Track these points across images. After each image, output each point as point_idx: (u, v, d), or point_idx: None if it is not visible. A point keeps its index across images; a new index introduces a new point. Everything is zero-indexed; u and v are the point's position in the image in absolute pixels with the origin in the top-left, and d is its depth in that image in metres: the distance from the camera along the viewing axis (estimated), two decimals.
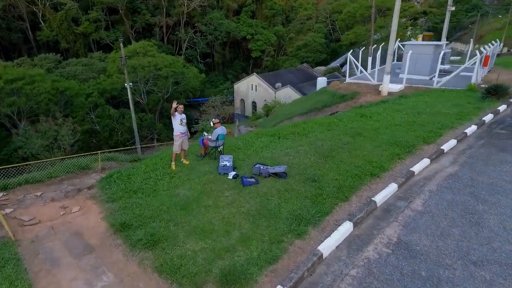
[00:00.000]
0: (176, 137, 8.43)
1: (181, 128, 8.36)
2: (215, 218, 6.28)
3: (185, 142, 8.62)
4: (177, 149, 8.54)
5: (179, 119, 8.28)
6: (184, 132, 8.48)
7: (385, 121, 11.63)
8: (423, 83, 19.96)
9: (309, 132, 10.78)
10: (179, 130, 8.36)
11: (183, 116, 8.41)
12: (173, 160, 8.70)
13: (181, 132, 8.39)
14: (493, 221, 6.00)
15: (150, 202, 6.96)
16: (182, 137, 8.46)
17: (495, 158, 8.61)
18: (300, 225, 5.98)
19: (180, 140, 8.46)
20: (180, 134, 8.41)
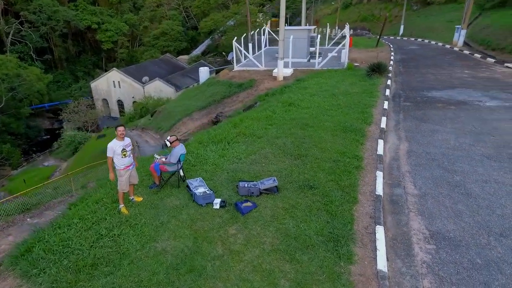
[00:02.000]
0: (121, 172, 6.08)
1: (126, 161, 6.07)
2: (244, 271, 4.75)
3: (133, 175, 6.35)
4: (125, 187, 6.21)
5: (120, 148, 5.94)
6: (132, 164, 6.20)
7: (314, 108, 11.70)
8: (303, 66, 21.34)
9: (255, 131, 9.78)
10: (123, 163, 6.05)
11: (127, 141, 6.10)
12: (120, 201, 6.31)
13: (126, 165, 6.09)
14: (477, 189, 6.62)
15: (128, 280, 4.74)
16: (129, 170, 6.16)
17: (425, 129, 9.76)
18: (341, 247, 5.16)
19: (127, 174, 6.16)
20: (126, 168, 6.10)
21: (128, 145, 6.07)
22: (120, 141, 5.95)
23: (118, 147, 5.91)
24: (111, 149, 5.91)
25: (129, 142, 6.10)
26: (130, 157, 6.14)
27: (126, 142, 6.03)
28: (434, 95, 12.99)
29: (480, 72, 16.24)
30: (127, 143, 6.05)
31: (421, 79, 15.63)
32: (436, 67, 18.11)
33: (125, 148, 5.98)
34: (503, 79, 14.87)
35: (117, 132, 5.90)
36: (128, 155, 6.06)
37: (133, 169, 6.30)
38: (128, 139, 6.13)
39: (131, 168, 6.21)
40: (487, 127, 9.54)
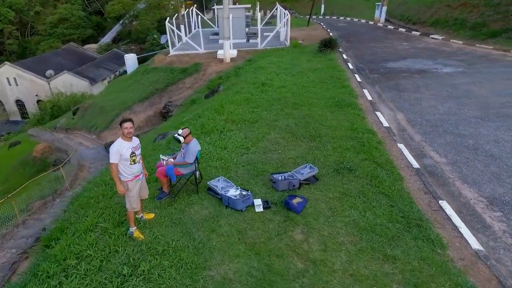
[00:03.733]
0: (130, 184, 4.44)
1: (136, 168, 4.43)
2: (345, 284, 3.81)
3: (143, 187, 4.75)
4: (136, 204, 4.57)
5: (128, 151, 4.30)
6: (141, 173, 4.59)
7: (291, 86, 10.94)
8: (244, 46, 20.40)
9: (244, 115, 8.60)
10: (131, 172, 4.40)
11: (136, 142, 4.45)
12: (131, 223, 4.68)
13: (135, 175, 4.46)
14: (495, 149, 6.74)
15: None
16: (139, 181, 4.55)
17: (407, 98, 9.85)
18: (425, 231, 4.59)
19: (137, 186, 4.54)
20: (135, 178, 4.48)
21: (137, 147, 4.43)
22: (127, 141, 4.29)
23: (126, 150, 4.25)
24: (117, 152, 4.21)
25: (138, 144, 4.46)
26: (140, 164, 4.51)
27: (135, 143, 4.39)
28: (392, 66, 13.38)
29: (417, 44, 17.46)
30: (136, 145, 4.42)
31: (370, 52, 16.08)
32: (375, 41, 18.93)
33: (135, 151, 4.34)
34: (438, 48, 16.18)
35: (122, 130, 4.23)
36: (138, 161, 4.44)
37: (143, 179, 4.69)
38: (137, 140, 4.48)
39: (141, 178, 4.60)
40: (459, 91, 10.03)
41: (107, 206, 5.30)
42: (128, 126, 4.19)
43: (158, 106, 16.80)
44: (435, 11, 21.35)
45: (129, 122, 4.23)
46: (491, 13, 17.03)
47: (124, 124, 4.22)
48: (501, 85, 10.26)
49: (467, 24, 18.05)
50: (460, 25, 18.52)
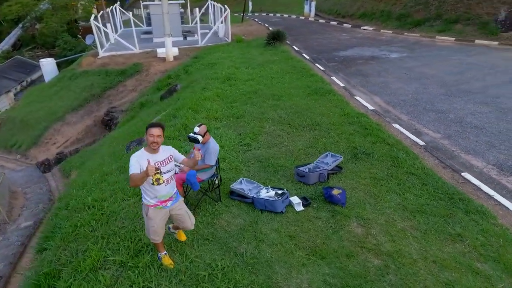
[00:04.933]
0: (150, 209, 3.38)
1: (161, 191, 3.30)
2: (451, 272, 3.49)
3: (181, 215, 3.55)
4: (157, 236, 3.50)
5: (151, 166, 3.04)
6: (170, 199, 3.42)
7: (258, 79, 10.48)
8: (183, 44, 19.39)
9: (225, 111, 7.88)
10: (154, 195, 3.31)
11: (164, 155, 3.29)
12: (160, 249, 3.71)
13: (160, 200, 3.34)
14: (476, 121, 7.21)
15: None
16: (164, 208, 3.42)
17: (374, 82, 10.15)
18: (472, 204, 4.55)
19: (162, 215, 3.43)
20: (160, 204, 3.36)
21: (166, 161, 3.26)
22: (151, 153, 3.20)
23: (144, 164, 3.06)
24: (136, 163, 3.10)
25: (167, 157, 3.28)
26: (170, 186, 3.36)
27: (161, 157, 3.23)
28: (345, 54, 13.81)
29: (355, 34, 18.44)
30: (164, 159, 3.24)
31: (317, 44, 16.43)
32: (316, 34, 19.49)
33: (160, 167, 3.22)
34: (375, 37, 17.30)
35: (147, 137, 3.18)
36: (167, 182, 3.30)
37: (179, 204, 3.52)
38: (168, 152, 3.33)
39: (171, 206, 3.42)
40: (415, 73, 10.71)
41: (110, 233, 4.17)
42: (155, 134, 3.08)
43: (98, 114, 14.79)
44: (361, 5, 22.89)
45: (157, 128, 3.13)
46: (413, 4, 18.81)
47: (149, 131, 3.12)
48: (446, 66, 11.25)
49: (393, 15, 19.67)
50: (386, 17, 20.10)
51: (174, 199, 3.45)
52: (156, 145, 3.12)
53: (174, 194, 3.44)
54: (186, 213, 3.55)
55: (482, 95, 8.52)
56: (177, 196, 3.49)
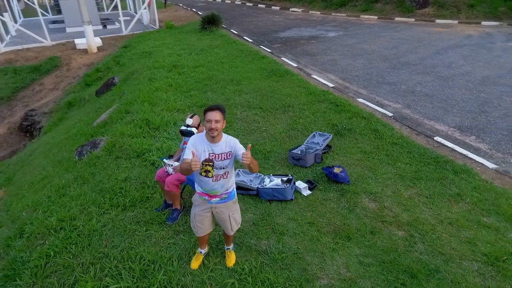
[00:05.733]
0: (196, 197, 3.02)
1: (207, 184, 2.82)
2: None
3: (222, 219, 3.05)
4: (194, 228, 3.11)
5: (204, 154, 2.71)
6: (216, 196, 2.90)
7: (207, 65, 9.92)
8: (104, 33, 17.67)
9: (183, 101, 7.25)
10: (200, 185, 2.90)
11: (223, 148, 2.73)
12: (200, 245, 3.34)
13: (205, 192, 2.90)
14: (426, 90, 7.84)
15: None
16: (207, 203, 2.95)
17: (323, 60, 10.36)
18: (454, 164, 4.88)
19: (202, 208, 3.00)
20: (204, 196, 2.92)
21: (225, 156, 2.72)
22: (210, 141, 2.70)
23: (202, 151, 2.70)
24: (192, 147, 2.68)
25: (228, 152, 2.73)
26: (220, 184, 2.83)
27: (221, 149, 2.71)
28: (285, 35, 13.84)
29: (287, 16, 18.65)
30: (223, 153, 2.71)
31: (254, 26, 16.18)
32: (248, 16, 19.20)
33: (213, 160, 2.71)
34: (307, 18, 17.73)
35: (204, 123, 2.66)
36: (215, 178, 2.77)
37: (225, 206, 2.99)
38: (230, 148, 2.74)
39: (215, 203, 2.94)
40: (356, 50, 11.23)
41: (101, 257, 3.45)
42: (212, 118, 2.56)
43: (12, 119, 12.54)
44: None
45: (216, 111, 2.58)
46: None
47: (207, 115, 2.61)
48: (380, 42, 12.02)
49: None
50: None
51: (223, 199, 2.94)
52: (215, 131, 2.58)
53: (225, 195, 2.92)
54: (229, 218, 3.02)
55: (421, 66, 9.28)
56: (228, 197, 2.95)
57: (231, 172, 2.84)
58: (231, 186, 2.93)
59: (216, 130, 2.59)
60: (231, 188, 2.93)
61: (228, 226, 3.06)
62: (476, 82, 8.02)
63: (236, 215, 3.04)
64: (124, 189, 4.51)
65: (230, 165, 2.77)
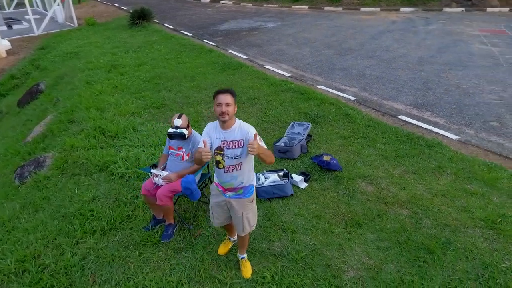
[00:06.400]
0: (212, 186, 2.84)
1: (221, 176, 2.63)
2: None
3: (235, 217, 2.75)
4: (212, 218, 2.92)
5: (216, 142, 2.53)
6: (231, 189, 2.66)
7: (153, 62, 9.18)
8: (10, 34, 15.51)
9: (136, 104, 6.57)
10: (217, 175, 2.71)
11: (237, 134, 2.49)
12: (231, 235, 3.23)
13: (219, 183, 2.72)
14: (375, 73, 8.26)
15: None
16: (221, 196, 2.73)
17: (272, 51, 10.29)
18: (425, 140, 5.18)
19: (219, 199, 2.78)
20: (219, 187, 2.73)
21: (235, 145, 2.48)
22: (222, 128, 2.50)
23: (214, 139, 2.53)
24: (206, 136, 2.53)
25: (239, 141, 2.48)
26: (232, 176, 2.58)
27: (233, 136, 2.49)
28: (225, 28, 13.48)
29: (220, 9, 18.22)
30: (235, 140, 2.48)
31: (189, 20, 15.47)
32: (179, 10, 18.32)
33: (224, 148, 2.49)
34: (241, 10, 17.55)
35: (214, 107, 2.46)
36: (227, 169, 2.55)
37: (239, 203, 2.70)
38: (243, 136, 2.48)
39: (230, 198, 2.70)
40: (299, 39, 11.42)
41: None
42: (222, 102, 2.38)
43: None
44: None
45: (225, 94, 2.41)
46: None
47: (216, 98, 2.44)
48: (319, 30, 12.42)
49: None
50: None
51: (238, 194, 2.66)
52: (226, 115, 2.38)
53: (240, 189, 2.62)
54: (242, 217, 2.72)
55: (363, 51, 9.77)
56: (244, 193, 2.64)
57: (246, 163, 2.56)
58: (248, 180, 2.64)
59: (227, 114, 2.38)
60: (248, 183, 2.64)
61: (239, 225, 2.78)
62: (414, 62, 8.69)
63: (250, 215, 2.76)
64: (96, 210, 3.85)
65: (244, 155, 2.48)
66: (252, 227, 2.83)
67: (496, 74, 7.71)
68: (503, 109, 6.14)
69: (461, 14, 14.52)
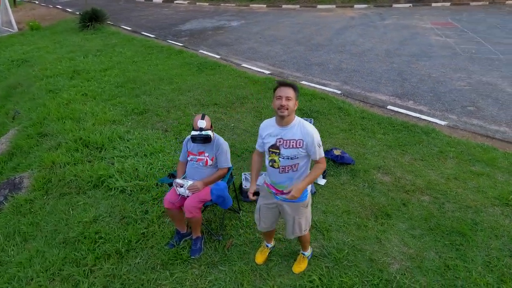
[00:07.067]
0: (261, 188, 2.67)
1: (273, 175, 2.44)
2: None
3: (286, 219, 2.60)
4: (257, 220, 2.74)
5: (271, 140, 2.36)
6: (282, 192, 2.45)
7: (120, 65, 8.55)
8: None
9: (114, 111, 6.06)
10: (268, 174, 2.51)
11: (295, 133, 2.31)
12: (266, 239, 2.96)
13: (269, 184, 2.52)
14: (345, 65, 8.47)
15: None
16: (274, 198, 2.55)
17: (243, 49, 10.10)
18: (420, 127, 5.38)
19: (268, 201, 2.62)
20: (269, 187, 2.53)
21: (292, 145, 2.29)
22: (278, 124, 2.33)
23: (269, 136, 2.35)
24: (262, 131, 2.46)
25: (297, 141, 2.28)
26: (287, 177, 2.40)
27: (290, 135, 2.30)
28: (188, 28, 13.02)
29: (177, 9, 17.59)
30: (293, 140, 2.29)
31: (146, 21, 14.71)
32: (133, 11, 17.39)
33: (280, 146, 2.31)
34: (199, 10, 17.12)
35: (273, 100, 2.28)
36: (282, 170, 2.37)
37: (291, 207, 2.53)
38: (302, 136, 2.28)
39: (280, 200, 2.52)
40: (267, 36, 11.38)
41: None
42: (283, 95, 2.20)
43: None
44: None
45: (287, 87, 2.23)
46: None
47: (277, 91, 2.25)
48: (285, 27, 12.50)
49: None
50: None
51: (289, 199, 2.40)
52: (285, 110, 2.19)
53: (286, 190, 2.41)
54: (293, 221, 2.55)
55: (332, 46, 9.98)
56: (299, 197, 2.37)
57: (303, 164, 2.39)
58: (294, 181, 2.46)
59: (287, 108, 2.19)
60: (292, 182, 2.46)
61: (289, 229, 2.64)
62: (383, 55, 9.06)
63: (303, 220, 2.60)
64: (103, 232, 3.42)
65: (302, 156, 2.30)
66: (303, 232, 2.67)
67: (457, 62, 8.28)
68: (474, 94, 6.59)
69: (410, 9, 15.52)
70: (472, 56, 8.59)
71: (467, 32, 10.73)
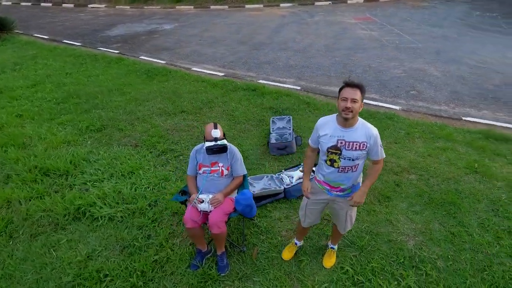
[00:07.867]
0: (313, 184, 2.64)
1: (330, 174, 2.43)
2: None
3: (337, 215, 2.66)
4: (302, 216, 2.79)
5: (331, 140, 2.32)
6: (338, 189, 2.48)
7: (54, 78, 7.58)
8: None
9: (66, 131, 5.39)
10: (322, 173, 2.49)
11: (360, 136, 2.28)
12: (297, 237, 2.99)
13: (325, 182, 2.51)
14: (302, 62, 8.80)
15: None
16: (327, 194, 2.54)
17: (188, 53, 9.74)
18: (393, 116, 5.85)
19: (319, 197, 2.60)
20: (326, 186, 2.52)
21: (355, 146, 2.27)
22: (341, 125, 2.28)
23: (328, 137, 2.32)
24: (318, 131, 2.40)
25: (361, 143, 2.27)
26: (346, 176, 2.40)
27: (353, 137, 2.27)
28: (116, 33, 12.07)
29: (96, 13, 16.15)
30: (356, 142, 2.27)
31: (62, 27, 13.19)
32: (43, 18, 15.43)
33: (342, 147, 2.29)
34: (122, 13, 15.99)
35: (338, 101, 2.26)
36: (342, 170, 2.36)
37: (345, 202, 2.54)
38: (366, 138, 2.27)
39: (335, 196, 2.53)
40: (207, 38, 11.17)
41: None
42: (349, 96, 2.14)
43: None
44: None
45: (353, 89, 2.16)
46: None
47: (342, 92, 2.21)
48: (221, 28, 12.41)
49: None
50: None
51: (346, 193, 2.48)
52: (349, 112, 2.15)
53: (350, 188, 2.43)
54: (346, 215, 2.60)
55: (275, 44, 10.23)
56: (353, 191, 2.44)
57: (362, 164, 2.42)
58: (359, 179, 2.49)
59: (351, 111, 2.16)
60: (357, 182, 2.49)
61: (342, 224, 2.68)
62: (323, 50, 9.61)
63: (353, 213, 2.67)
64: (106, 268, 3.00)
65: (362, 157, 2.34)
66: (352, 225, 2.75)
67: (388, 53, 9.18)
68: (412, 80, 7.39)
69: (331, 6, 16.68)
70: (398, 46, 9.59)
71: (386, 25, 11.94)
